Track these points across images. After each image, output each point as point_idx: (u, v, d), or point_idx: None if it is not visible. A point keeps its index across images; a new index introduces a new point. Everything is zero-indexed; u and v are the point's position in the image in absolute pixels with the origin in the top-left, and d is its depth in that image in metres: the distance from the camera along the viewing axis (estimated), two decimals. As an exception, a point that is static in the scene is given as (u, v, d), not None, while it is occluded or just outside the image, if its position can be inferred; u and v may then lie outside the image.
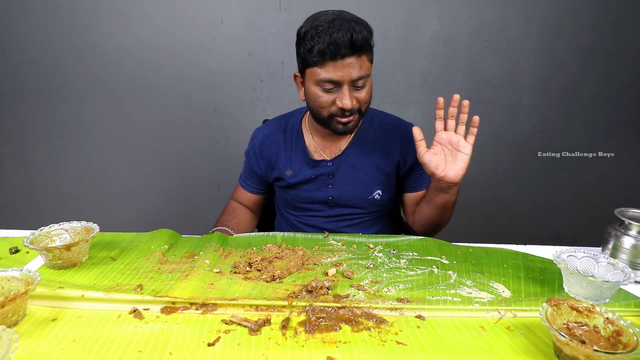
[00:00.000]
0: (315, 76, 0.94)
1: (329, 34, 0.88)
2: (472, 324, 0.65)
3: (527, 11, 1.83)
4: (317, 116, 1.01)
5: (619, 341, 0.55)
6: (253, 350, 0.57)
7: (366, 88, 0.97)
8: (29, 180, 2.12)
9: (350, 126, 1.00)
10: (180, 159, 2.06)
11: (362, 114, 1.01)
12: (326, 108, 0.97)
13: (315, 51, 0.90)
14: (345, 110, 0.95)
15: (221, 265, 0.81)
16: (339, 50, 0.88)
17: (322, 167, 1.10)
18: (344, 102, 0.93)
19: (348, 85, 0.93)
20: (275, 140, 1.14)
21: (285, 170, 1.12)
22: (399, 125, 1.13)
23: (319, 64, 0.91)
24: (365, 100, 0.98)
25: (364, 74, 0.93)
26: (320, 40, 0.89)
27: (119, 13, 1.84)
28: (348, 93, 0.93)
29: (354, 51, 0.89)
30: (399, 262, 0.83)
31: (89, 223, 0.85)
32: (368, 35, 0.91)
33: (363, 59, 0.92)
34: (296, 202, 1.16)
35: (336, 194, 1.11)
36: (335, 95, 0.95)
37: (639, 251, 0.78)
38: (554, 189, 2.08)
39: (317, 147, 1.11)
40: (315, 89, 0.96)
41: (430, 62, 1.90)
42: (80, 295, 0.67)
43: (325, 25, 0.89)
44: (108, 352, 0.57)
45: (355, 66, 0.91)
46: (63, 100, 1.97)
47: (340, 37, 0.87)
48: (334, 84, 0.93)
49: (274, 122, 1.19)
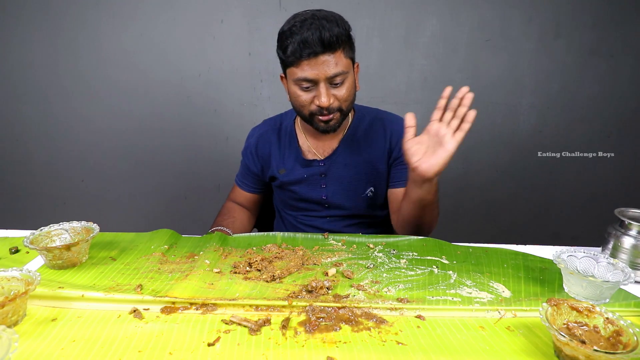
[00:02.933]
0: (293, 75, 0.95)
1: (299, 33, 0.90)
2: (472, 324, 0.65)
3: (528, 11, 1.83)
4: (300, 115, 1.02)
5: (619, 341, 0.55)
6: (253, 350, 0.57)
7: (345, 85, 0.96)
8: (29, 180, 2.12)
9: (332, 124, 0.99)
10: (180, 159, 2.06)
11: (344, 112, 1.00)
12: (306, 107, 0.98)
13: (289, 51, 0.92)
14: (323, 109, 0.95)
15: (221, 265, 0.81)
16: (310, 48, 0.89)
17: (315, 166, 1.10)
18: (321, 100, 0.94)
19: (325, 82, 0.93)
20: (269, 139, 1.15)
21: (279, 169, 1.13)
22: (387, 118, 1.13)
23: (295, 64, 0.93)
24: (345, 98, 0.97)
25: (340, 71, 0.92)
26: (292, 40, 0.91)
27: (119, 13, 1.84)
28: (325, 91, 0.93)
29: (325, 49, 0.90)
30: (399, 262, 0.83)
31: (89, 223, 0.85)
32: (340, 32, 0.90)
33: (339, 55, 0.92)
34: (292, 201, 1.16)
35: (330, 193, 1.11)
36: (313, 93, 0.96)
37: (639, 251, 0.78)
38: (554, 189, 2.08)
39: (310, 146, 1.11)
40: (294, 89, 0.97)
41: (430, 62, 1.90)
42: (80, 295, 0.67)
43: (298, 25, 0.91)
44: (108, 352, 0.57)
45: (329, 63, 0.91)
46: (63, 100, 1.97)
47: (309, 36, 0.89)
48: (310, 82, 0.94)
49: (269, 121, 1.19)
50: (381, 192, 1.13)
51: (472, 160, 2.04)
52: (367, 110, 1.15)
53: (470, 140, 2.00)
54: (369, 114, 1.13)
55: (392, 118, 1.13)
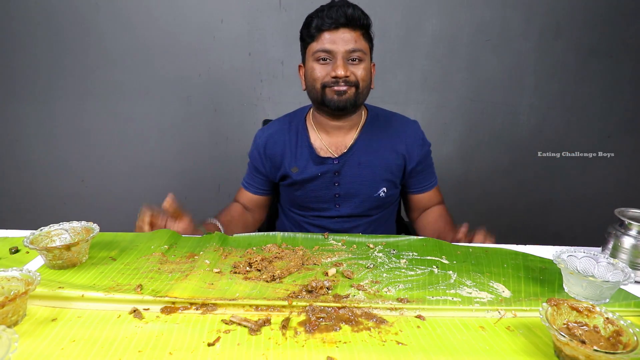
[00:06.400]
0: (312, 51, 0.99)
1: (326, 9, 0.97)
2: (472, 324, 0.65)
3: (527, 11, 1.83)
4: (313, 95, 1.03)
5: (619, 341, 0.55)
6: (253, 350, 0.57)
7: (362, 65, 0.99)
8: (29, 180, 2.12)
9: (345, 97, 1.00)
10: (180, 159, 2.06)
11: (359, 91, 1.01)
12: (319, 79, 1.00)
13: (313, 25, 0.97)
14: (339, 80, 0.97)
15: (221, 265, 0.81)
16: (333, 21, 0.95)
17: (328, 164, 1.09)
18: (337, 71, 0.96)
19: (342, 56, 0.96)
20: (280, 139, 1.13)
21: (291, 167, 1.11)
22: (404, 122, 1.14)
23: (315, 38, 0.98)
24: (362, 77, 0.99)
25: (359, 47, 0.97)
26: (317, 15, 0.97)
27: (119, 13, 1.84)
28: (342, 62, 0.96)
29: (347, 23, 0.95)
30: (399, 262, 0.83)
31: (89, 223, 0.84)
32: (363, 16, 0.97)
33: (358, 35, 0.97)
34: (303, 201, 1.15)
35: (343, 191, 1.10)
36: (330, 67, 0.98)
37: (639, 251, 0.78)
38: (554, 189, 2.08)
39: (322, 143, 1.10)
40: (312, 64, 1.00)
41: (430, 62, 1.90)
42: (80, 295, 0.67)
43: (327, 6, 0.98)
44: (108, 352, 0.57)
45: (349, 39, 0.96)
46: (63, 100, 1.97)
47: (335, 11, 0.95)
48: (328, 54, 0.97)
49: (277, 122, 1.18)
50: (392, 193, 1.13)
51: (472, 160, 2.04)
52: (378, 110, 1.15)
53: (470, 140, 2.01)
54: (382, 114, 1.14)
55: (409, 122, 1.14)
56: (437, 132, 1.98)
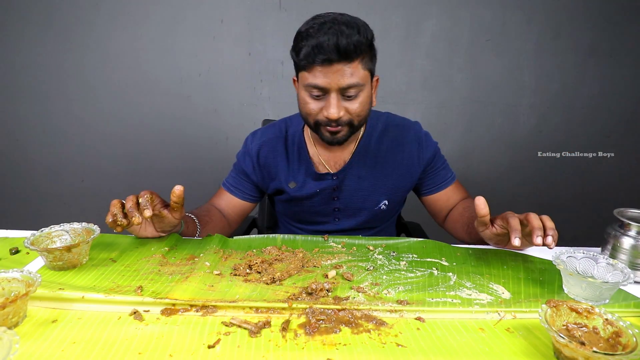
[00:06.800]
0: (304, 80, 0.88)
1: (315, 36, 0.82)
2: (471, 325, 0.65)
3: (527, 11, 1.83)
4: (306, 122, 0.96)
5: (619, 342, 0.55)
6: (253, 352, 0.58)
7: (359, 99, 0.89)
8: (29, 180, 2.12)
9: (339, 137, 0.93)
10: (180, 158, 2.06)
11: (354, 127, 0.93)
12: (312, 115, 0.91)
13: (302, 54, 0.85)
14: (331, 120, 0.89)
15: (221, 267, 0.81)
16: (324, 54, 0.82)
17: (327, 180, 1.04)
18: (330, 112, 0.87)
19: (336, 93, 0.86)
20: (275, 148, 1.07)
21: (288, 182, 1.06)
22: (404, 126, 1.07)
23: (307, 68, 0.86)
24: (357, 113, 0.90)
25: (355, 83, 0.85)
26: (307, 42, 0.83)
27: (119, 13, 1.84)
28: (335, 102, 0.86)
29: (341, 57, 0.82)
30: (399, 264, 0.83)
31: (89, 224, 0.85)
32: (360, 40, 0.82)
33: (355, 66, 0.85)
34: (301, 215, 1.11)
35: (342, 205, 1.07)
36: (322, 103, 0.89)
37: (638, 252, 0.78)
38: (554, 189, 2.08)
39: (320, 159, 1.04)
40: (304, 94, 0.90)
41: (430, 62, 1.90)
42: (80, 296, 0.67)
43: (316, 28, 0.83)
44: (108, 353, 0.57)
45: (344, 73, 0.84)
46: (63, 100, 1.97)
47: (325, 41, 0.81)
48: (320, 91, 0.87)
49: (271, 128, 1.10)
50: (395, 205, 1.09)
51: (472, 160, 2.04)
52: (377, 115, 1.08)
53: (470, 140, 2.01)
54: (381, 121, 1.07)
55: (411, 125, 1.08)
56: (437, 132, 1.97)
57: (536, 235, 0.73)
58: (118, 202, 0.82)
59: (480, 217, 0.80)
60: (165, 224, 0.86)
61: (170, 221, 0.85)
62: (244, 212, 1.14)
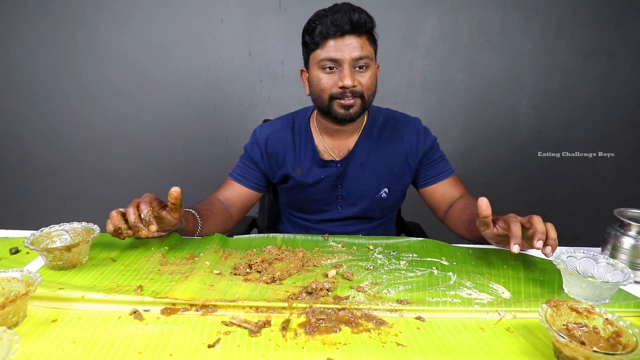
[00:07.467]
0: (316, 59, 0.96)
1: (329, 15, 0.92)
2: (471, 325, 0.65)
3: (527, 11, 1.83)
4: (319, 104, 1.00)
5: (619, 342, 0.55)
6: (253, 352, 0.58)
7: (369, 72, 0.97)
8: (29, 180, 2.12)
9: (352, 112, 0.97)
10: (180, 158, 2.06)
11: (365, 101, 0.99)
12: (327, 90, 0.97)
13: (317, 32, 0.93)
14: (346, 91, 0.95)
15: (221, 266, 0.81)
16: (338, 28, 0.91)
17: (331, 167, 1.09)
18: (345, 81, 0.93)
19: (349, 65, 0.94)
20: (283, 137, 1.11)
21: (295, 169, 1.10)
22: (404, 119, 1.13)
23: (320, 45, 0.94)
24: (367, 86, 0.97)
25: (365, 54, 0.94)
26: (321, 21, 0.93)
27: (119, 13, 1.84)
28: (349, 72, 0.94)
29: (353, 29, 0.92)
30: (399, 264, 0.83)
31: (89, 224, 0.85)
32: (368, 20, 0.94)
33: (364, 40, 0.94)
34: (304, 203, 1.14)
35: (345, 192, 1.11)
36: (336, 76, 0.95)
37: (638, 251, 0.78)
38: (553, 189, 2.08)
39: (325, 147, 1.10)
40: (317, 72, 0.97)
41: (430, 62, 1.90)
42: (80, 296, 0.67)
43: (328, 9, 0.94)
44: (108, 353, 0.57)
45: (355, 46, 0.93)
46: (63, 100, 1.97)
47: (339, 17, 0.91)
48: (334, 63, 0.94)
49: (280, 120, 1.16)
50: (394, 194, 1.13)
51: (472, 160, 2.04)
52: (379, 109, 1.15)
53: (470, 140, 2.01)
54: (382, 114, 1.14)
55: (410, 119, 1.14)
56: (437, 132, 1.97)
57: (537, 238, 0.74)
58: (118, 213, 0.82)
59: (483, 217, 0.80)
60: (165, 224, 0.86)
61: (170, 221, 0.85)
62: (250, 201, 1.16)
